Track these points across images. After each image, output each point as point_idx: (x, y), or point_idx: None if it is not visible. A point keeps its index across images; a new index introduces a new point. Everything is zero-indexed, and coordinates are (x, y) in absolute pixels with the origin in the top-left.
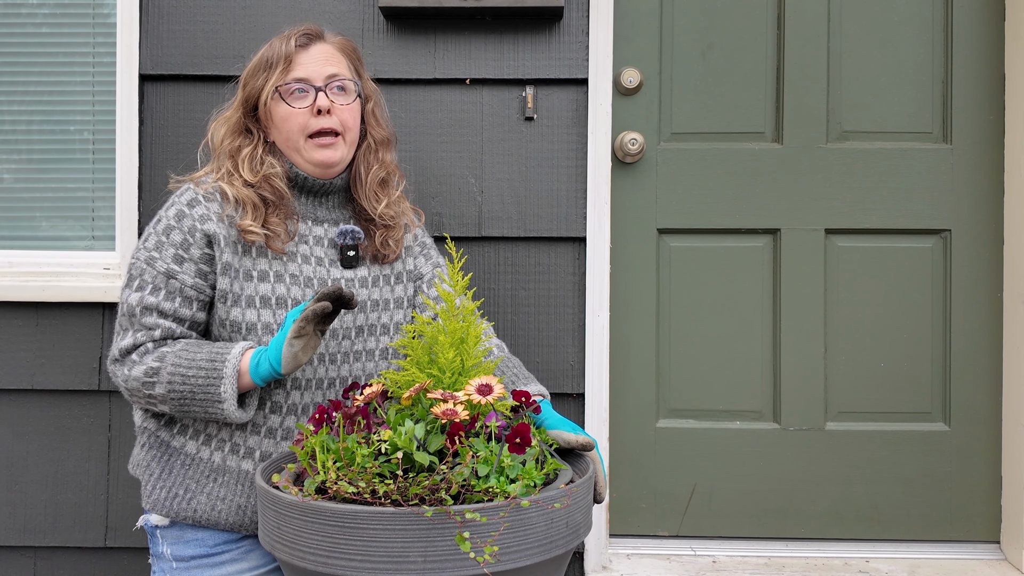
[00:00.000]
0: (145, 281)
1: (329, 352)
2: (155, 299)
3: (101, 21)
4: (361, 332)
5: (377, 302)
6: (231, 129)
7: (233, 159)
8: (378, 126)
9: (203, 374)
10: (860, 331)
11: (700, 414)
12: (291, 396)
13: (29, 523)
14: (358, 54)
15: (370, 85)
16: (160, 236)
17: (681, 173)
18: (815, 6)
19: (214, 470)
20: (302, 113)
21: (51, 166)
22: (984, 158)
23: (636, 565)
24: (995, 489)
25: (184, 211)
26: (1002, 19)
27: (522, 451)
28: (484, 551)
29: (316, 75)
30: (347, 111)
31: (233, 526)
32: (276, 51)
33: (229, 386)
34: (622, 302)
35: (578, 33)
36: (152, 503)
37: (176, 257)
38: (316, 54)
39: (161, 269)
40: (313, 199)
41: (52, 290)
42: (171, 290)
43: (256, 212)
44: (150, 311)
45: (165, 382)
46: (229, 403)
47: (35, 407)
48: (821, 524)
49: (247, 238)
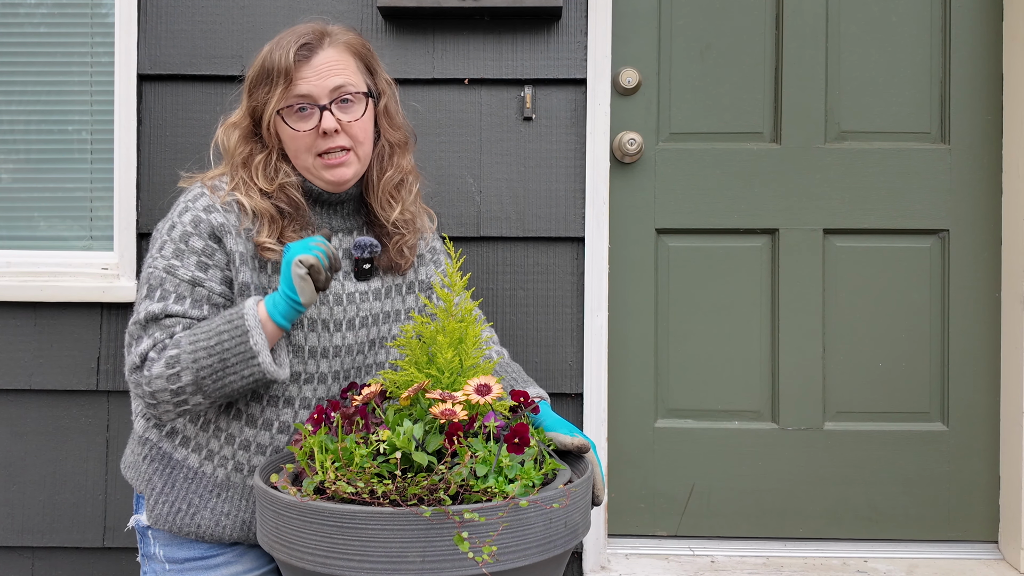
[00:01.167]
0: (167, 291)
1: (344, 369)
2: (181, 308)
3: (99, 21)
4: (373, 345)
5: (389, 314)
6: (242, 135)
7: (247, 167)
8: (392, 127)
9: (226, 337)
10: (858, 331)
11: (698, 414)
12: (300, 415)
13: (27, 523)
14: (368, 49)
15: (383, 80)
16: (178, 244)
17: (679, 173)
18: (813, 6)
19: (218, 485)
20: (308, 135)
21: (49, 166)
22: (982, 158)
23: (634, 565)
24: (993, 489)
25: (201, 216)
26: (1000, 19)
27: (520, 451)
28: (483, 551)
29: (320, 91)
30: (356, 126)
31: (238, 541)
32: (277, 63)
33: (258, 336)
34: (621, 302)
35: (576, 33)
36: (155, 518)
37: (200, 264)
38: (319, 65)
39: (185, 277)
40: (328, 209)
41: (50, 290)
42: (197, 298)
43: (273, 226)
44: (174, 319)
45: (189, 363)
46: (263, 355)
47: (33, 407)
48: (819, 524)
49: (265, 255)
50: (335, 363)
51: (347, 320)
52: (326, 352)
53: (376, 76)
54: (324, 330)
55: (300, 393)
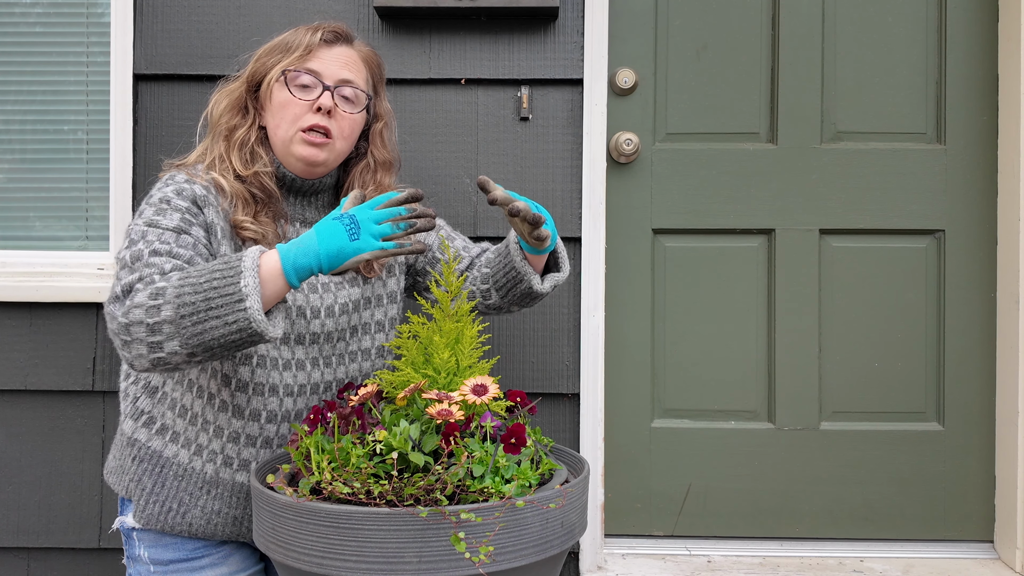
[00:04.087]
0: (150, 239)
1: (324, 356)
2: (166, 247)
3: (95, 21)
4: (355, 332)
5: (369, 299)
6: (232, 104)
7: (227, 141)
8: (383, 147)
9: (218, 275)
10: (854, 331)
11: (695, 414)
12: (284, 403)
13: (23, 524)
14: (382, 71)
15: (384, 106)
16: (160, 204)
17: (676, 173)
18: (809, 7)
19: (207, 482)
20: (301, 105)
21: (45, 166)
22: (978, 159)
23: (631, 565)
24: (989, 488)
25: (184, 187)
26: (995, 20)
27: (517, 451)
28: (479, 551)
29: (330, 74)
30: (347, 120)
31: (229, 538)
32: (299, 38)
33: (251, 279)
34: (617, 302)
35: (573, 33)
36: (146, 519)
37: (184, 220)
38: (338, 54)
39: (169, 226)
40: (302, 199)
41: (46, 290)
42: (183, 243)
43: (247, 208)
44: (159, 255)
45: (172, 297)
46: (252, 299)
47: (29, 408)
48: (816, 524)
49: (242, 234)
50: (312, 350)
51: (325, 307)
52: (301, 339)
53: (379, 97)
54: (300, 317)
55: (283, 380)
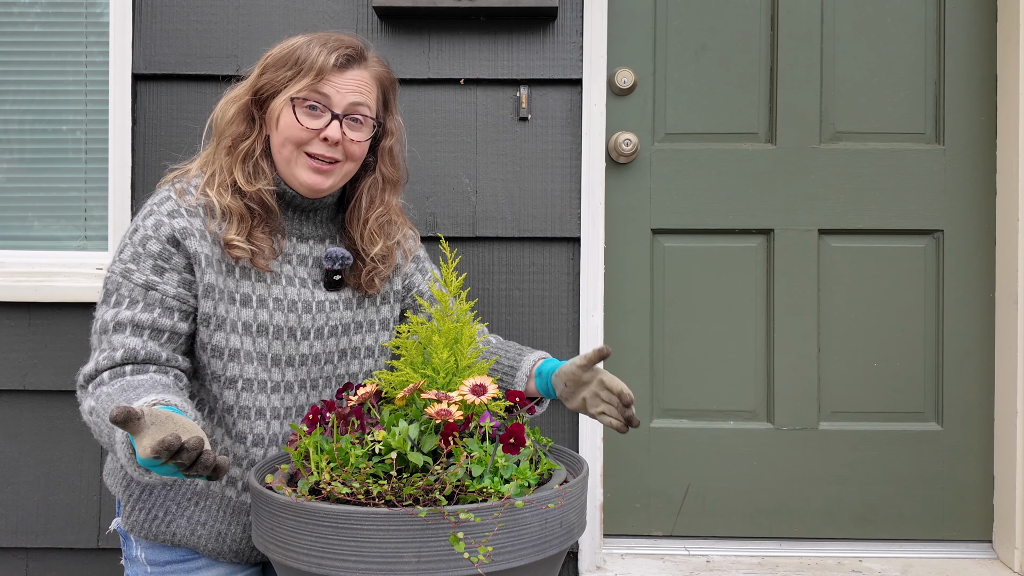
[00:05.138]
0: (122, 296)
1: (311, 378)
2: (130, 312)
3: (94, 20)
4: (344, 355)
5: (361, 324)
6: (239, 111)
7: (231, 153)
8: (391, 165)
9: (106, 429)
10: (853, 331)
11: (694, 414)
12: (272, 426)
13: (21, 524)
14: (395, 87)
15: (396, 121)
16: (137, 247)
17: (675, 173)
18: (808, 7)
19: (196, 493)
20: (307, 132)
21: (44, 166)
22: (976, 159)
23: (630, 565)
24: (987, 488)
25: (163, 221)
26: (994, 20)
27: (516, 451)
28: (478, 551)
29: (339, 100)
30: (355, 146)
31: (212, 552)
32: (312, 59)
33: (121, 451)
34: (616, 302)
35: (572, 33)
36: (131, 524)
37: (156, 268)
38: (349, 78)
39: (139, 281)
40: (300, 214)
41: (44, 290)
42: (150, 302)
43: (242, 225)
44: (122, 327)
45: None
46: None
47: (27, 408)
48: (814, 524)
49: (232, 253)
50: (301, 372)
51: (315, 328)
52: (291, 360)
53: (390, 114)
54: (291, 338)
55: (269, 403)
